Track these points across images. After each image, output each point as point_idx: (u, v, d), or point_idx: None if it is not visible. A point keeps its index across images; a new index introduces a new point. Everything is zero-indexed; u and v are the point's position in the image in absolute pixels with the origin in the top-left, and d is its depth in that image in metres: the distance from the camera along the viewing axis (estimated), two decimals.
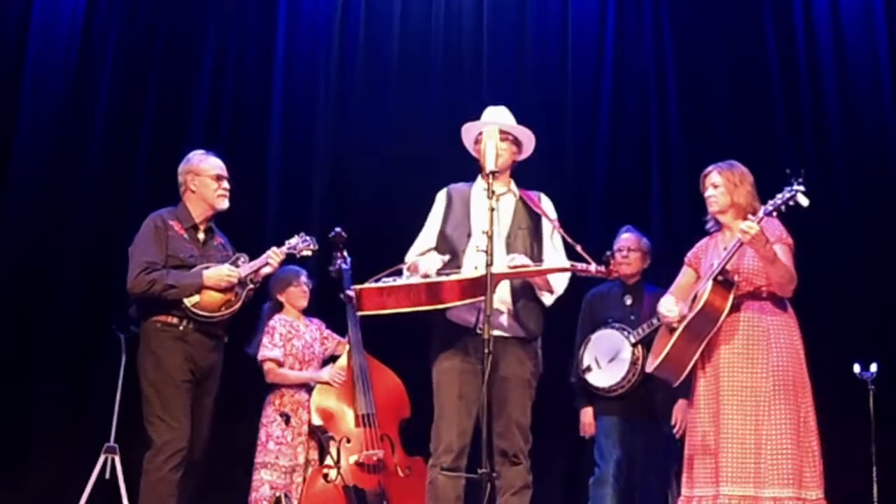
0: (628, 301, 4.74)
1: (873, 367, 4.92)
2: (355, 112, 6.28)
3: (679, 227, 5.84)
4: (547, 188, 4.11)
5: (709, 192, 3.94)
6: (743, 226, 3.60)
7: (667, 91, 6.08)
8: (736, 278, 3.76)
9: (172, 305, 4.01)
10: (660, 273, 5.58)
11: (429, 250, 3.83)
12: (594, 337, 4.68)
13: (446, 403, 3.66)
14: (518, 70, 6.29)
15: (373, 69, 6.35)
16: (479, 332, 3.61)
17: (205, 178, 4.18)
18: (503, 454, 3.63)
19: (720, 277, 3.75)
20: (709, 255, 3.95)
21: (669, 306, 3.87)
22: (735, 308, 3.75)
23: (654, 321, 4.52)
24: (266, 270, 4.22)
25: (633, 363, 4.54)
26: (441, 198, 3.94)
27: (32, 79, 6.06)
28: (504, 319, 3.67)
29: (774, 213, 3.65)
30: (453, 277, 3.55)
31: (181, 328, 4.03)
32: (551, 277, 3.73)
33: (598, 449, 4.69)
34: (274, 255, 4.20)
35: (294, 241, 4.30)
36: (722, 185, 3.90)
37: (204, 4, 6.49)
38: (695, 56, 6.13)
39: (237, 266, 4.15)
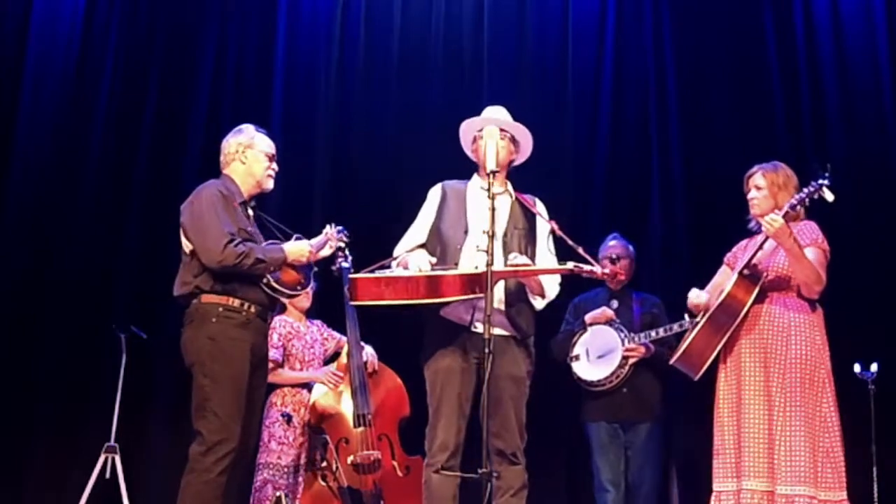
0: (614, 305, 4.75)
1: (873, 367, 4.91)
2: (355, 111, 6.28)
3: (678, 227, 5.84)
4: (547, 188, 4.12)
5: (752, 194, 3.88)
6: (767, 218, 3.56)
7: (667, 91, 6.07)
8: (764, 274, 3.73)
9: (248, 283, 3.69)
10: (659, 273, 5.61)
11: (418, 246, 3.80)
12: (591, 329, 4.69)
13: (444, 402, 3.65)
14: (518, 70, 6.28)
15: (373, 69, 6.34)
16: (475, 329, 3.62)
17: (258, 152, 3.91)
18: (500, 453, 3.61)
19: (746, 271, 3.73)
20: (746, 253, 3.91)
21: (698, 293, 3.87)
22: (760, 303, 3.72)
23: (660, 331, 4.54)
24: (325, 252, 4.02)
25: (621, 366, 4.55)
26: (435, 193, 3.91)
27: (32, 78, 6.07)
28: (500, 318, 3.65)
29: (798, 207, 3.64)
30: (453, 272, 3.54)
31: (244, 313, 3.70)
32: (545, 282, 3.73)
33: (591, 457, 4.74)
34: (333, 236, 4.02)
35: (329, 229, 4.11)
36: (766, 188, 3.84)
37: (204, 5, 6.48)
38: (695, 55, 6.12)
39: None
